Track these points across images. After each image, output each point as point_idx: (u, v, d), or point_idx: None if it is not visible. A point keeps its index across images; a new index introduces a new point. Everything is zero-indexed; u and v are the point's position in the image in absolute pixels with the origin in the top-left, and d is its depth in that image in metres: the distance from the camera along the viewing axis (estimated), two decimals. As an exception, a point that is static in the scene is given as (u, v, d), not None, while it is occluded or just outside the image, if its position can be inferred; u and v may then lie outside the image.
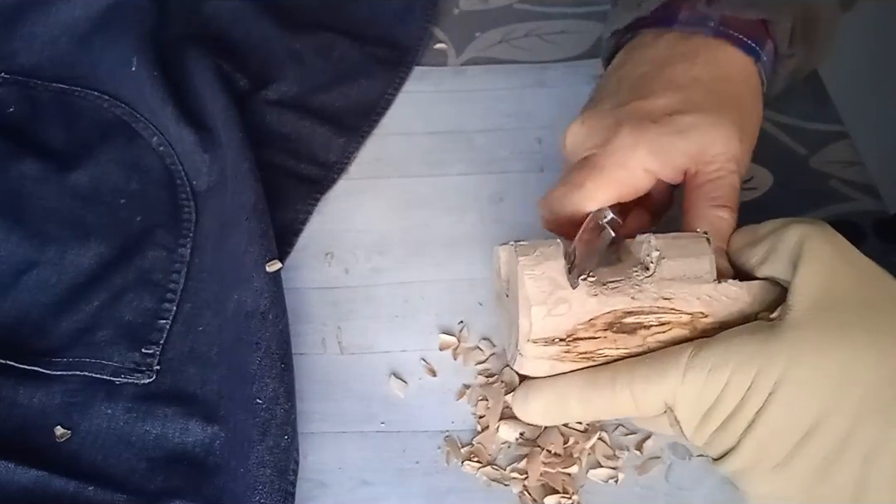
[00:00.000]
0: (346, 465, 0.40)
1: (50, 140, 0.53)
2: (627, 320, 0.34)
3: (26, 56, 0.56)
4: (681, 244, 0.35)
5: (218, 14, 0.59)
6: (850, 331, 0.31)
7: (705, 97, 0.39)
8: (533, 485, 0.39)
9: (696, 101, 0.39)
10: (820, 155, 0.52)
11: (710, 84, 0.40)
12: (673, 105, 0.39)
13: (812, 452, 0.31)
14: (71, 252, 0.47)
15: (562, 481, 0.39)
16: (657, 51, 0.42)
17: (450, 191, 0.51)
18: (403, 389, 0.43)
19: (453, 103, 0.55)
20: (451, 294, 0.46)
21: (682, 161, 0.38)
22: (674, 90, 0.39)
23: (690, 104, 0.38)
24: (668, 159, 0.38)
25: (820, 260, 0.32)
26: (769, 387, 0.31)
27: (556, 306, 0.34)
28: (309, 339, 0.45)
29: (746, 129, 0.39)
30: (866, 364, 0.30)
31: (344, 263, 0.48)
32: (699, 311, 0.34)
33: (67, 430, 0.41)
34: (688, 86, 0.39)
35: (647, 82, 0.40)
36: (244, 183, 0.48)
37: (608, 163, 0.38)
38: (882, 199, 0.49)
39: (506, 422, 0.41)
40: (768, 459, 0.32)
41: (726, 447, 0.33)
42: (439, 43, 0.60)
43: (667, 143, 0.38)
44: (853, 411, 0.30)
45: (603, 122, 0.39)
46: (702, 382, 0.32)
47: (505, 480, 0.39)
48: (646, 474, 0.39)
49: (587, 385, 0.35)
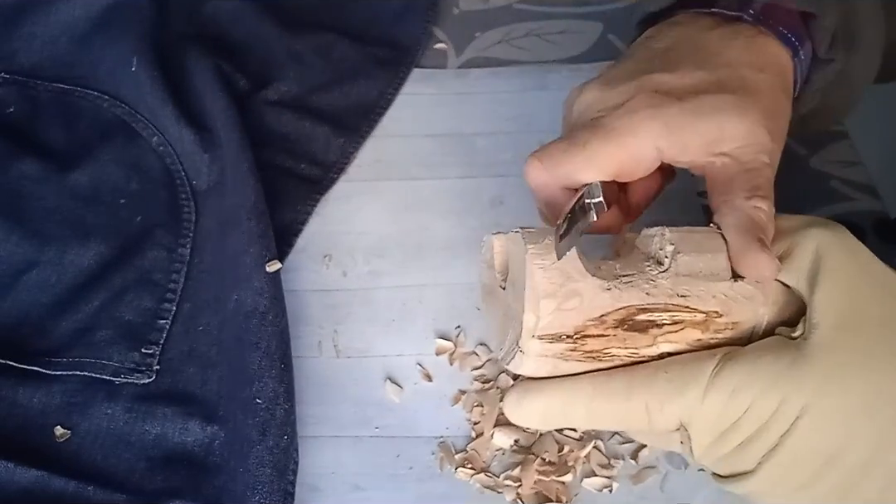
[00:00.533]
0: (340, 470, 0.40)
1: (50, 140, 0.53)
2: (640, 318, 0.32)
3: (26, 56, 0.56)
4: (696, 239, 0.33)
5: (218, 14, 0.59)
6: (875, 355, 0.31)
7: (737, 82, 0.36)
8: (526, 493, 0.39)
9: (726, 84, 0.36)
10: (820, 155, 0.52)
11: (744, 70, 0.37)
12: (700, 84, 0.36)
13: (835, 476, 0.30)
14: (71, 252, 0.47)
15: (556, 490, 0.39)
16: (693, 29, 0.39)
17: (450, 194, 0.51)
18: (399, 394, 0.43)
19: (455, 106, 0.55)
20: (449, 298, 0.46)
21: (696, 144, 0.35)
22: (705, 69, 0.36)
23: (719, 86, 0.36)
24: (681, 138, 0.35)
25: (840, 275, 0.32)
26: (795, 412, 0.30)
27: (567, 300, 0.32)
28: (305, 341, 0.45)
29: (776, 124, 0.36)
30: (891, 390, 0.30)
31: (342, 266, 0.48)
32: (714, 311, 0.33)
33: (67, 430, 0.41)
34: (720, 67, 0.36)
35: (677, 57, 0.37)
36: (244, 183, 0.48)
37: (618, 126, 0.35)
38: (882, 199, 0.49)
39: (500, 428, 0.41)
40: (789, 483, 0.31)
41: (741, 469, 0.32)
42: (439, 43, 0.60)
43: (685, 121, 0.35)
44: (877, 436, 0.30)
45: (622, 85, 0.36)
46: (723, 404, 0.31)
47: (498, 488, 0.39)
48: (641, 484, 0.39)
49: (598, 392, 0.32)
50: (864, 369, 0.30)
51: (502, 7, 0.62)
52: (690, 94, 0.35)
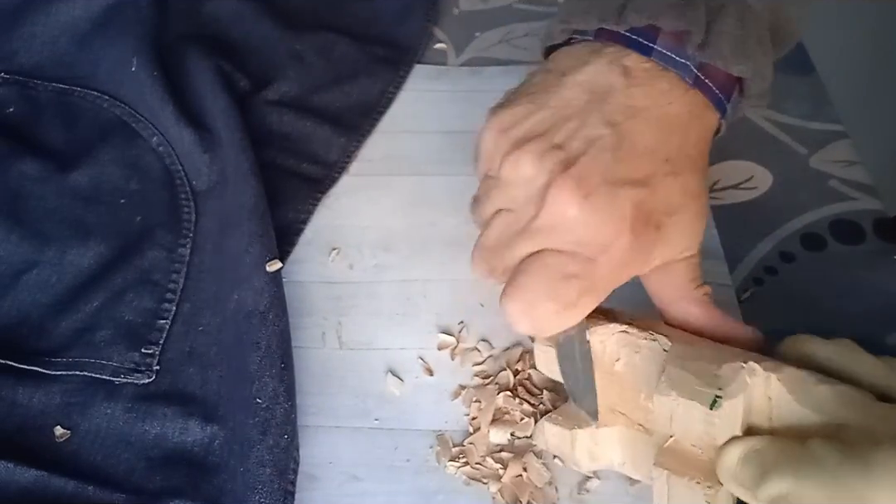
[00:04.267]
0: (338, 460, 0.40)
1: (50, 140, 0.53)
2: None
3: (26, 56, 0.56)
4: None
5: (218, 14, 0.59)
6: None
7: (697, 182, 0.37)
8: (508, 484, 0.39)
9: (691, 189, 0.36)
10: (820, 155, 0.52)
11: (699, 162, 0.37)
12: (673, 199, 0.36)
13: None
14: (71, 252, 0.47)
15: (536, 483, 0.39)
16: (647, 98, 0.36)
17: (459, 190, 0.50)
18: (399, 387, 0.43)
19: (467, 103, 0.55)
20: (453, 294, 0.46)
21: (658, 263, 0.37)
22: (673, 175, 0.36)
23: (687, 195, 0.36)
24: (653, 265, 0.36)
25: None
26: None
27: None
28: (309, 332, 0.45)
29: (706, 187, 0.38)
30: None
31: (349, 259, 0.48)
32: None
33: (67, 430, 0.41)
34: (683, 168, 0.36)
35: (645, 153, 0.35)
36: (244, 183, 0.48)
37: (606, 276, 0.35)
38: (882, 199, 0.49)
39: (496, 424, 0.41)
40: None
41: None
42: (439, 43, 0.60)
43: (662, 251, 0.36)
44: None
45: (605, 208, 0.34)
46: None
47: (483, 479, 0.39)
48: (638, 484, 0.39)
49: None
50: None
51: (502, 7, 0.62)
52: (665, 217, 0.35)
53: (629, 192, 0.34)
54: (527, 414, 0.41)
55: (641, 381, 0.35)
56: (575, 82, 0.37)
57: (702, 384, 0.32)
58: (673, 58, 0.37)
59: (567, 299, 0.34)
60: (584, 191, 0.34)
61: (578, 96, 0.37)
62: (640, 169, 0.35)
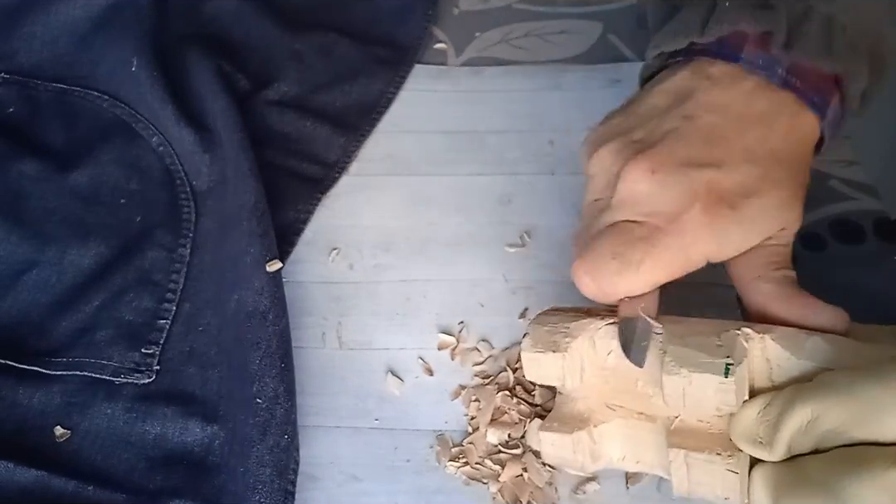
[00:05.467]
0: (338, 460, 0.41)
1: (50, 140, 0.53)
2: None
3: (26, 56, 0.56)
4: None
5: (218, 14, 0.59)
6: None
7: (782, 173, 0.36)
8: (507, 484, 0.39)
9: (773, 177, 0.36)
10: (820, 154, 0.52)
11: (786, 157, 0.37)
12: (749, 183, 0.36)
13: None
14: (71, 252, 0.47)
15: (536, 483, 0.39)
16: (728, 96, 0.37)
17: (459, 190, 0.51)
18: (399, 387, 0.43)
19: (468, 103, 0.55)
20: (453, 294, 0.46)
21: (740, 249, 0.36)
22: (751, 162, 0.36)
23: (767, 181, 0.36)
24: (732, 249, 0.36)
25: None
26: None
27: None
28: (309, 332, 0.45)
29: (803, 193, 0.38)
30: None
31: (349, 259, 0.48)
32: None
33: (67, 430, 0.41)
34: (765, 158, 0.36)
35: (721, 141, 0.36)
36: (244, 183, 0.48)
37: (673, 245, 0.35)
38: (882, 199, 0.49)
39: (494, 424, 0.41)
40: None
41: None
42: (439, 43, 0.60)
43: (737, 232, 0.35)
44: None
45: (674, 183, 0.35)
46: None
47: (483, 479, 0.39)
48: (637, 484, 0.39)
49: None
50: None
51: (502, 7, 0.62)
52: (742, 200, 0.35)
53: (699, 171, 0.35)
54: (525, 415, 0.41)
55: (637, 368, 0.35)
56: (660, 90, 0.39)
57: (708, 356, 0.33)
58: (758, 61, 0.37)
59: (630, 259, 0.35)
60: (654, 168, 0.36)
61: (662, 101, 0.38)
62: (712, 154, 0.36)
